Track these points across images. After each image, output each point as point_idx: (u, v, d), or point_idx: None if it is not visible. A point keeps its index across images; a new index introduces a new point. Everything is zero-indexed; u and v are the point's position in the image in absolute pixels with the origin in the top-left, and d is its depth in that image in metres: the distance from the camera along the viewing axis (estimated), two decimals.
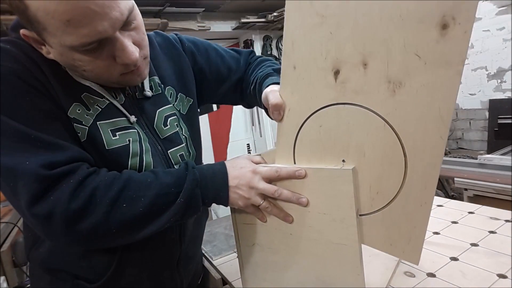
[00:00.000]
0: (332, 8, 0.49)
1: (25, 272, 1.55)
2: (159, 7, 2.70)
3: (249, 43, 3.57)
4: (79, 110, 0.58)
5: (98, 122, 0.59)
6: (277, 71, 0.74)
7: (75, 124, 0.58)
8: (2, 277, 1.48)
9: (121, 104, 0.63)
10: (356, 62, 0.49)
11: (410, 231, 0.52)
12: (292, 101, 0.59)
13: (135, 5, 0.56)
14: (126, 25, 0.54)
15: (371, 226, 0.56)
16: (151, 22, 2.68)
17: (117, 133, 0.61)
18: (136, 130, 0.63)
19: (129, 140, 0.62)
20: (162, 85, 0.71)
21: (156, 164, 0.65)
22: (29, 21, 0.50)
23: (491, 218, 0.93)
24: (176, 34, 0.82)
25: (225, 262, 0.91)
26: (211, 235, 1.10)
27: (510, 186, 1.69)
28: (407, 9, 0.43)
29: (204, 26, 3.05)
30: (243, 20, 3.18)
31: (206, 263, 0.94)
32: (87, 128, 0.58)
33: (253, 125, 3.80)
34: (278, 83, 0.65)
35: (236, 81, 0.85)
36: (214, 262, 0.91)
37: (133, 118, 0.63)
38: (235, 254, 0.93)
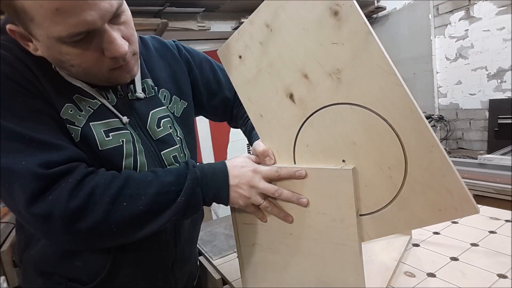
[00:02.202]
0: (259, 57, 0.61)
1: (24, 273, 1.55)
2: (159, 7, 2.70)
3: None
4: (71, 111, 0.58)
5: (91, 123, 0.59)
6: None
7: (68, 125, 0.57)
8: (2, 277, 1.49)
9: (113, 105, 0.63)
10: (299, 78, 0.57)
11: (443, 182, 0.49)
12: (275, 142, 0.64)
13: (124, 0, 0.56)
14: (115, 17, 0.54)
15: (410, 205, 0.52)
16: (151, 22, 2.67)
17: (110, 134, 0.60)
18: (129, 131, 0.63)
19: (122, 141, 0.61)
20: (156, 87, 0.71)
21: (149, 165, 0.64)
22: (16, 12, 0.49)
23: (491, 218, 0.93)
24: (173, 41, 0.82)
25: (225, 262, 0.91)
26: (211, 235, 1.10)
27: (510, 186, 1.69)
28: (305, 21, 0.53)
29: (204, 26, 3.05)
30: (243, 20, 3.18)
31: (206, 263, 0.94)
32: (80, 128, 0.58)
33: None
34: None
35: (226, 99, 0.86)
36: (214, 262, 0.91)
37: (125, 119, 0.63)
38: (235, 254, 0.93)
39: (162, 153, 0.67)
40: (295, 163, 0.62)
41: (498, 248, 0.77)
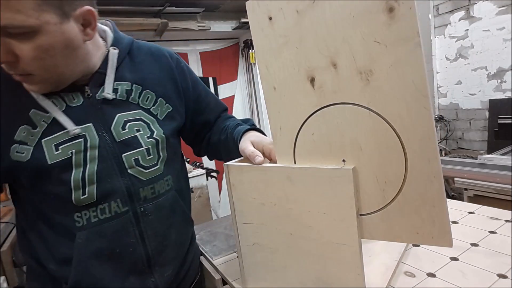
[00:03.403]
0: (291, 27, 0.55)
1: (25, 272, 1.55)
2: (159, 7, 2.70)
3: (249, 43, 3.57)
4: (24, 132, 0.62)
5: (43, 140, 0.62)
6: (243, 120, 0.85)
7: (21, 145, 0.61)
8: (2, 277, 1.49)
9: (77, 106, 0.65)
10: (326, 65, 0.53)
11: (430, 212, 0.51)
12: (281, 119, 0.61)
13: (51, 28, 0.55)
14: (13, 33, 0.53)
15: (392, 220, 0.54)
16: (151, 22, 2.67)
17: (59, 147, 0.63)
18: (81, 140, 0.64)
19: (71, 153, 0.63)
20: (140, 87, 0.73)
21: (105, 169, 0.66)
22: None
23: (491, 218, 0.93)
24: (175, 53, 0.85)
25: (225, 262, 0.91)
26: (211, 235, 1.10)
27: (510, 186, 1.69)
28: (354, 6, 0.48)
29: (204, 26, 3.05)
30: (243, 20, 3.18)
31: (206, 263, 0.94)
32: (32, 147, 0.62)
33: None
34: (249, 130, 0.76)
35: (208, 122, 0.89)
36: (214, 262, 0.91)
37: (76, 131, 0.64)
38: (235, 254, 0.93)
39: (123, 155, 0.68)
40: (295, 145, 0.61)
41: (498, 248, 0.77)
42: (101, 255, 0.67)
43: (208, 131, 0.91)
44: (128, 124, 0.70)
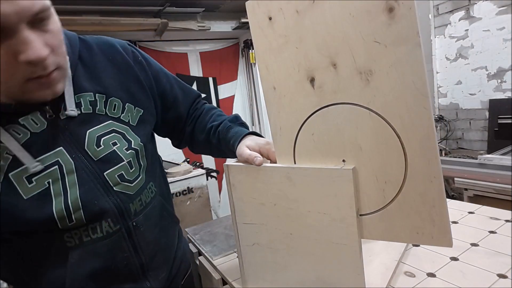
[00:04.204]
0: (290, 27, 0.55)
1: None
2: (159, 7, 2.70)
3: (249, 43, 3.57)
4: None
5: (10, 174, 0.55)
6: (232, 121, 0.79)
7: None
8: None
9: (42, 131, 0.58)
10: (326, 65, 0.53)
11: (430, 212, 0.51)
12: (281, 119, 0.61)
13: (53, 9, 0.52)
14: (38, 22, 0.48)
15: (391, 220, 0.54)
16: (151, 22, 2.67)
17: (33, 179, 0.57)
18: (56, 167, 0.58)
19: (48, 183, 0.58)
20: (104, 96, 0.66)
21: (88, 193, 0.61)
22: None
23: (491, 218, 0.93)
24: (129, 44, 0.76)
25: (225, 262, 0.91)
26: (211, 235, 1.10)
27: (510, 186, 1.69)
28: (353, 6, 0.48)
29: (204, 26, 3.05)
30: (243, 20, 3.18)
31: (206, 263, 0.94)
32: (0, 183, 0.55)
33: (253, 125, 3.80)
34: (244, 135, 0.72)
35: (179, 117, 0.84)
36: (214, 262, 0.91)
37: (37, 168, 0.57)
38: (235, 254, 0.93)
39: (105, 173, 0.63)
40: (295, 145, 0.61)
41: (498, 248, 0.77)
42: (95, 273, 0.64)
43: (184, 124, 0.85)
44: (103, 139, 0.64)
